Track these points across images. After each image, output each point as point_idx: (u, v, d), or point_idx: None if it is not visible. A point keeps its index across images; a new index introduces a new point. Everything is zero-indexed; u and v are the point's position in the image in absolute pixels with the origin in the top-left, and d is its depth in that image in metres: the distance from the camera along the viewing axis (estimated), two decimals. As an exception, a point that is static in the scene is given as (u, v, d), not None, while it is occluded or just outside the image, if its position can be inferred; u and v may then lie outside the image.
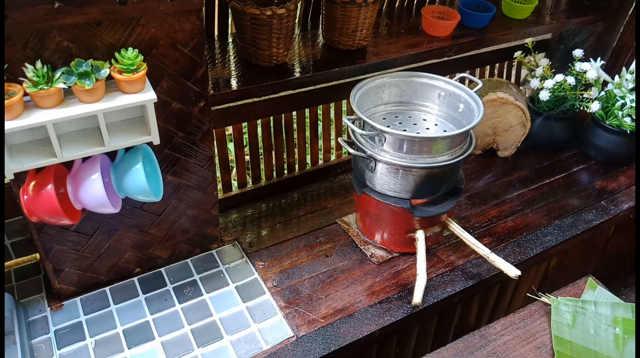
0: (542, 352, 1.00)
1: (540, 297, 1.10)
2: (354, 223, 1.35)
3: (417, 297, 1.10)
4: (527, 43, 1.57)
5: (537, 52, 1.59)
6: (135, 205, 1.06)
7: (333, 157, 1.59)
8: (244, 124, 1.36)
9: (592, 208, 1.45)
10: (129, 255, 1.14)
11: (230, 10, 1.17)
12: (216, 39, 1.30)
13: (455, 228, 1.22)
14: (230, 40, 1.30)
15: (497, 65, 1.78)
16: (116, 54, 0.82)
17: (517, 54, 1.62)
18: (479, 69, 1.74)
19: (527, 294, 1.13)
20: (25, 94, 0.78)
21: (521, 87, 1.77)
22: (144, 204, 1.07)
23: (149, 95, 0.84)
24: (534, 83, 1.56)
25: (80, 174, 0.89)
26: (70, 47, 0.82)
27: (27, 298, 1.11)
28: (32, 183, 0.86)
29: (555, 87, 1.52)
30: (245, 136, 1.39)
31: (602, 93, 1.57)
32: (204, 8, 1.00)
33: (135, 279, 1.17)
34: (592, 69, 1.50)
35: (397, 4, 1.53)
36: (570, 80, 1.50)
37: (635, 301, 1.10)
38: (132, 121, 0.91)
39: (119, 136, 0.88)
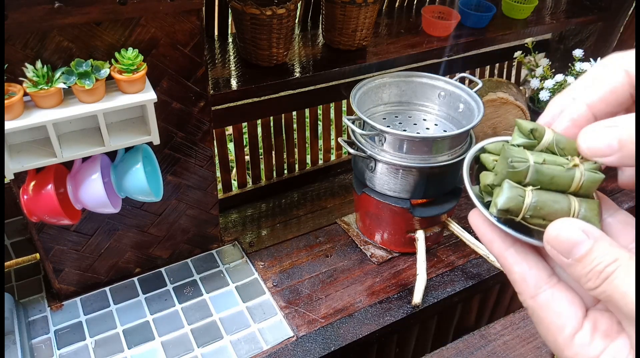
0: (542, 352, 1.00)
1: (540, 297, 1.10)
2: (354, 223, 1.35)
3: (417, 297, 1.10)
4: (527, 43, 1.57)
5: (537, 52, 1.59)
6: (135, 205, 1.06)
7: (333, 157, 1.59)
8: (244, 124, 1.36)
9: (592, 208, 1.45)
10: (129, 255, 1.14)
11: (230, 10, 1.17)
12: (216, 39, 1.30)
13: (455, 228, 1.22)
14: (230, 40, 1.30)
15: (497, 65, 1.78)
16: (116, 54, 0.82)
17: (517, 54, 1.62)
18: (479, 69, 1.74)
19: (527, 294, 1.13)
20: (25, 94, 0.78)
21: (521, 87, 1.77)
22: (144, 204, 1.07)
23: (149, 95, 0.84)
24: (534, 83, 1.56)
25: (80, 174, 0.89)
26: (70, 47, 0.82)
27: (27, 298, 1.12)
28: (32, 183, 0.86)
29: (555, 87, 1.51)
30: (245, 136, 1.39)
31: (602, 93, 1.57)
32: (204, 8, 1.00)
33: (135, 279, 1.17)
34: (592, 69, 1.50)
35: (397, 4, 1.53)
36: (570, 80, 1.49)
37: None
38: (132, 121, 0.91)
39: (119, 136, 0.88)
